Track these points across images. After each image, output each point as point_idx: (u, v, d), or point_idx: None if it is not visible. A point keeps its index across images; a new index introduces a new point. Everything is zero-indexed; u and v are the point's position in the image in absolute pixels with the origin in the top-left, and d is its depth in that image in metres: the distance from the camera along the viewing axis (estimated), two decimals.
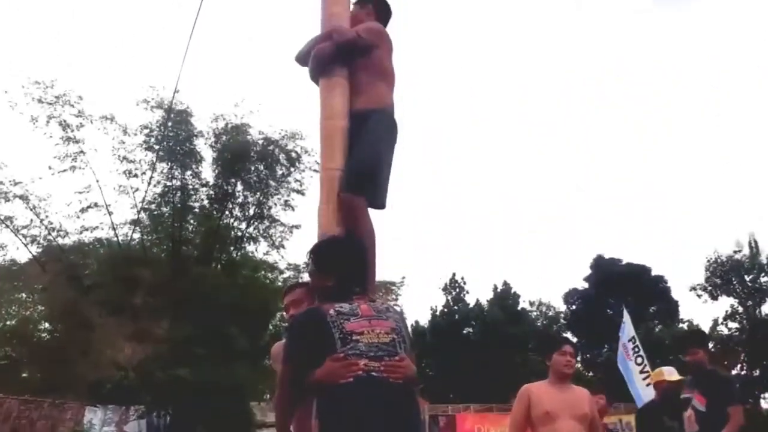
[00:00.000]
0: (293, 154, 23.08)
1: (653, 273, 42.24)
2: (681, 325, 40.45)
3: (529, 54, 72.16)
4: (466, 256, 67.19)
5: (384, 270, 23.43)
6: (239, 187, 23.33)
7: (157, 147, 21.81)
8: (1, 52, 46.71)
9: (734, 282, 37.03)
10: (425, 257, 67.85)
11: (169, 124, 21.90)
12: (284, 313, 4.75)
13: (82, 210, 21.68)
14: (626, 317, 12.94)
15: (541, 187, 71.99)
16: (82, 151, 21.37)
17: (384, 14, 4.45)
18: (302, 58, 4.24)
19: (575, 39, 71.05)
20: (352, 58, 4.04)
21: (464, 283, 45.20)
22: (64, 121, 21.17)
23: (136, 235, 22.88)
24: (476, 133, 70.55)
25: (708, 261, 37.64)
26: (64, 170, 21.29)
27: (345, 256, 3.19)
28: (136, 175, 21.90)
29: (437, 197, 69.55)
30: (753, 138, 64.28)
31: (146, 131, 21.97)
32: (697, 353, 6.36)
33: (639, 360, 12.19)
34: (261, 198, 23.45)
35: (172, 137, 22.23)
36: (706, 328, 37.54)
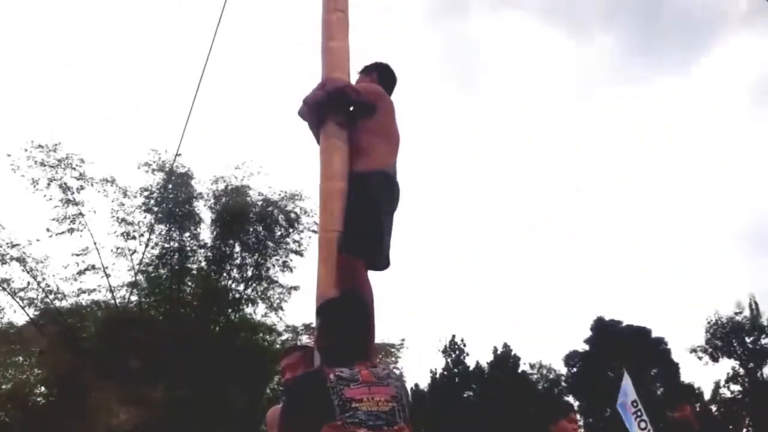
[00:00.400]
0: (292, 215, 23.09)
1: (653, 335, 41.93)
2: None
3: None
4: (465, 317, 66.48)
5: (383, 332, 23.23)
6: (237, 248, 23.26)
7: (156, 209, 21.90)
8: (4, 113, 47.16)
9: (735, 344, 36.69)
10: (425, 319, 67.24)
11: (170, 186, 22.01)
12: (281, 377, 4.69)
13: (80, 272, 21.57)
14: (627, 379, 12.75)
15: (541, 247, 71.81)
16: (81, 213, 21.43)
17: (388, 81, 4.52)
18: (303, 112, 4.30)
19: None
20: (343, 108, 4.10)
21: (464, 345, 44.68)
22: (65, 183, 21.29)
23: (134, 298, 22.74)
24: (472, 194, 70.72)
25: (708, 322, 37.40)
26: (62, 232, 21.30)
27: (348, 317, 3.15)
28: (134, 237, 21.89)
29: (436, 258, 69.30)
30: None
31: (146, 193, 22.09)
32: (685, 409, 6.25)
33: (642, 425, 11.97)
34: (259, 259, 23.35)
35: (172, 199, 22.32)
36: (707, 390, 37.09)
